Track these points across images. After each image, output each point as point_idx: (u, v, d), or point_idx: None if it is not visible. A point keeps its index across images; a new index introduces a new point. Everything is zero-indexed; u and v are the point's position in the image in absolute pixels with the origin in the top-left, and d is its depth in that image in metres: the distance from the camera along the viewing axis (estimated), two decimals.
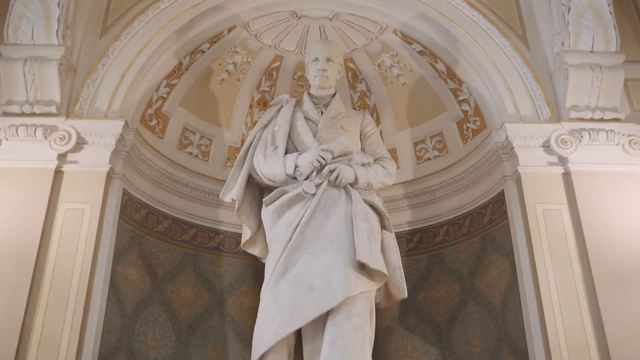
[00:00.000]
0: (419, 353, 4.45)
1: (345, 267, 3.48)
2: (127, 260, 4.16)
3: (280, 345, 3.40)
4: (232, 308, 4.55)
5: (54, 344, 3.58)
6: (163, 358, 4.20)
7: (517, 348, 3.92)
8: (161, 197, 4.51)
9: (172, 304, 4.36)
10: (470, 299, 4.36)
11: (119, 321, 3.99)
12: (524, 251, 3.97)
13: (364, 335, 3.40)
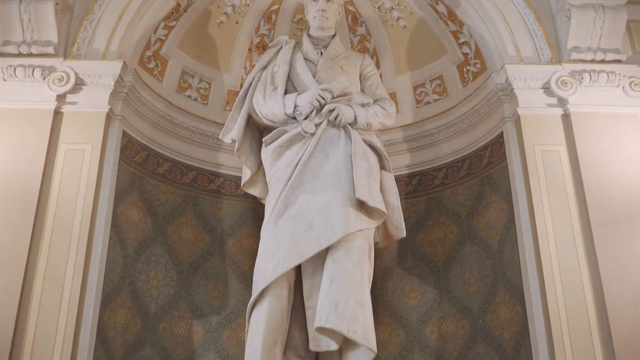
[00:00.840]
0: (416, 293, 4.53)
1: (344, 204, 3.52)
2: (128, 201, 4.20)
3: (280, 281, 3.46)
4: (233, 250, 4.61)
5: (58, 281, 3.65)
6: (165, 297, 4.28)
7: (513, 286, 4.00)
8: (161, 140, 4.52)
9: (173, 245, 4.42)
10: (468, 240, 4.42)
11: (121, 260, 4.06)
12: (521, 192, 4.01)
13: (362, 271, 3.46)
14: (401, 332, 4.47)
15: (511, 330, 3.98)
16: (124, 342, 3.98)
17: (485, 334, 4.15)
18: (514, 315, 3.98)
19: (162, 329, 4.21)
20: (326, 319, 3.25)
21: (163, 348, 4.17)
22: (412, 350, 4.40)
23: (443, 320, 4.39)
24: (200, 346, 4.32)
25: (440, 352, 4.33)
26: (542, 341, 3.66)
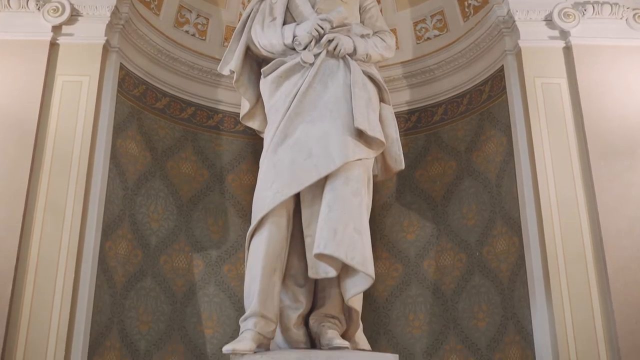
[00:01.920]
0: (415, 228, 4.57)
1: (343, 134, 3.51)
2: (127, 135, 4.19)
3: (279, 209, 3.47)
4: (232, 185, 4.63)
5: (59, 211, 3.67)
6: (165, 230, 4.32)
7: (511, 218, 4.03)
8: (159, 75, 4.49)
9: (173, 180, 4.44)
10: (467, 174, 4.43)
11: (121, 192, 4.08)
12: (521, 125, 4.00)
13: (361, 200, 3.47)
14: (399, 266, 4.52)
15: (508, 262, 4.03)
16: (125, 272, 4.03)
17: (482, 266, 4.21)
18: (510, 247, 4.02)
19: (163, 262, 4.26)
20: (325, 245, 3.28)
21: (164, 280, 4.23)
22: (409, 283, 4.46)
23: (440, 253, 4.44)
24: (201, 279, 4.38)
25: (438, 284, 4.39)
26: (538, 271, 3.71)
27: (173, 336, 4.18)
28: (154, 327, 4.12)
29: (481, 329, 4.13)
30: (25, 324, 3.46)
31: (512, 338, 3.92)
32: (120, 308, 3.97)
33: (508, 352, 3.95)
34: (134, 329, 4.02)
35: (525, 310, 3.81)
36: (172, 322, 4.20)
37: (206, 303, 4.34)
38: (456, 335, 4.24)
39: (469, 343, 4.17)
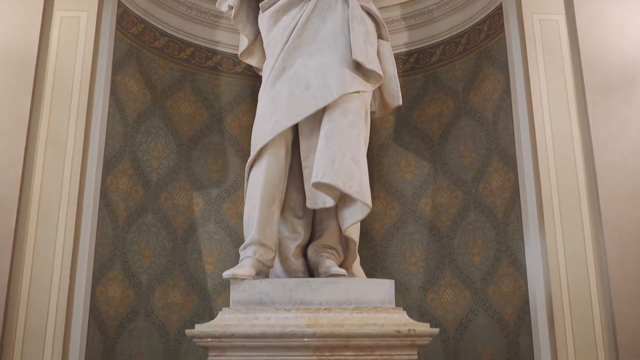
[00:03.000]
0: (412, 167, 4.63)
1: (341, 66, 3.54)
2: (127, 72, 4.21)
3: (278, 141, 3.52)
4: (231, 125, 4.67)
5: (60, 145, 3.70)
6: (166, 168, 4.38)
7: (506, 154, 4.08)
8: (157, 14, 4.48)
9: (173, 119, 4.47)
10: (464, 113, 4.47)
11: (121, 129, 4.12)
12: (518, 62, 4.01)
13: (359, 131, 3.51)
14: (396, 204, 4.59)
15: (502, 197, 4.10)
16: (126, 207, 4.10)
17: (478, 202, 4.28)
18: (505, 182, 4.08)
19: (164, 198, 4.33)
20: (322, 174, 3.34)
21: (165, 216, 4.30)
22: (406, 221, 4.54)
23: (437, 192, 4.51)
24: (201, 216, 4.45)
25: (434, 222, 4.47)
26: (532, 205, 3.77)
27: (174, 271, 4.27)
28: (155, 262, 4.20)
29: (476, 263, 4.23)
30: (30, 252, 3.53)
31: (506, 270, 4.02)
32: (122, 242, 4.05)
33: (501, 284, 4.05)
34: (136, 262, 4.11)
35: (518, 242, 3.89)
36: (173, 258, 4.29)
37: (206, 240, 4.42)
38: (451, 270, 4.33)
39: (464, 277, 4.26)
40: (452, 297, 4.30)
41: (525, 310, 3.79)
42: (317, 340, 3.07)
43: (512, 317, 3.94)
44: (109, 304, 3.86)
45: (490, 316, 4.09)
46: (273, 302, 3.24)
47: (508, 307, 3.98)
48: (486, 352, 4.08)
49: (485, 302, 4.13)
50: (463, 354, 4.17)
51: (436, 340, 4.25)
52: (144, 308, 4.10)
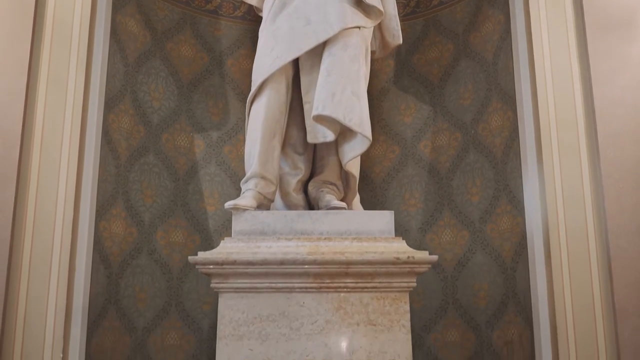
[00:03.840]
0: (412, 111, 4.65)
1: (341, 1, 3.53)
2: (126, 12, 4.20)
3: (278, 75, 3.53)
4: (231, 69, 4.67)
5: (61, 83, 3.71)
6: (167, 109, 4.40)
7: (506, 94, 4.10)
8: None
9: (173, 61, 4.47)
10: (464, 56, 4.48)
11: (122, 68, 4.13)
12: (519, 0, 4.01)
13: (359, 66, 3.53)
14: (396, 147, 4.62)
15: (501, 136, 4.13)
16: (128, 145, 4.13)
17: (477, 142, 4.31)
18: (505, 121, 4.11)
19: (165, 140, 4.35)
20: (323, 107, 3.36)
21: (166, 157, 4.34)
22: (406, 164, 4.57)
23: (437, 134, 4.53)
24: (202, 158, 4.48)
25: (433, 164, 4.50)
26: (531, 141, 3.80)
27: (176, 211, 4.32)
28: (157, 202, 4.25)
29: (474, 203, 4.27)
30: (34, 186, 3.57)
31: (504, 208, 4.06)
32: (125, 180, 4.08)
33: (500, 222, 4.10)
34: (138, 201, 4.16)
35: (517, 180, 3.93)
36: (175, 198, 4.33)
37: (208, 182, 4.46)
38: (450, 210, 4.38)
39: (463, 217, 4.31)
40: (450, 237, 4.35)
41: (522, 245, 3.84)
42: (318, 267, 3.13)
43: (510, 254, 4.00)
44: (112, 240, 3.92)
45: (488, 254, 4.15)
46: (274, 232, 3.29)
47: (506, 243, 4.04)
48: (483, 289, 4.15)
49: (484, 240, 4.19)
50: (461, 291, 4.25)
51: (434, 279, 4.33)
52: (147, 246, 4.15)
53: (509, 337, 3.95)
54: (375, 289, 3.18)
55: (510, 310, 3.95)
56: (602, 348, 3.54)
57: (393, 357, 3.13)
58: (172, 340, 4.16)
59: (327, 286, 3.17)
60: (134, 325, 4.01)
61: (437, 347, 4.26)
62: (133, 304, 4.02)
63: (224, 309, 3.17)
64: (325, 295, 3.18)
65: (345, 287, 3.17)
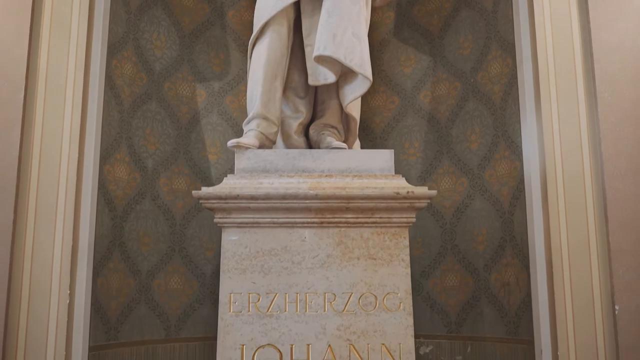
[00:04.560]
0: (412, 62, 4.68)
1: None
2: None
3: (280, 18, 3.56)
4: (233, 20, 4.69)
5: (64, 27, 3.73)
6: (169, 58, 4.43)
7: (505, 41, 4.13)
8: None
9: (174, 10, 4.49)
10: (464, 5, 4.49)
11: (124, 16, 4.15)
12: None
13: (360, 8, 3.54)
14: (396, 98, 4.66)
15: (501, 83, 4.18)
16: (131, 92, 4.17)
17: (476, 91, 4.35)
18: (504, 68, 4.15)
19: (167, 88, 4.39)
20: (324, 47, 3.39)
21: (169, 105, 4.38)
22: (405, 114, 4.62)
23: (436, 84, 4.57)
24: (204, 107, 4.52)
25: (433, 113, 4.55)
26: (530, 85, 3.84)
27: (179, 159, 4.37)
28: (160, 149, 4.30)
29: (473, 150, 4.33)
30: (39, 128, 3.61)
31: (502, 154, 4.12)
32: (128, 126, 4.13)
33: (498, 167, 4.16)
34: (141, 147, 4.20)
35: (515, 125, 3.98)
36: (178, 146, 4.38)
37: (210, 131, 4.51)
38: (449, 159, 4.44)
39: (462, 165, 4.37)
40: (449, 184, 4.41)
41: (520, 189, 3.91)
42: (319, 202, 3.19)
43: (508, 198, 4.07)
44: (116, 184, 3.98)
45: (486, 199, 4.22)
46: (277, 170, 3.35)
47: (504, 188, 4.10)
48: (482, 234, 4.22)
49: (482, 186, 4.25)
50: (459, 237, 4.32)
51: (434, 226, 4.41)
52: (150, 192, 4.22)
53: (506, 279, 4.03)
54: (375, 224, 3.25)
55: (507, 253, 4.03)
56: (597, 287, 3.62)
57: (392, 290, 3.21)
58: (175, 284, 4.24)
59: (328, 221, 3.23)
60: (138, 269, 4.09)
61: (435, 292, 4.34)
62: (137, 247, 4.10)
63: (227, 243, 3.24)
64: (327, 230, 3.25)
65: (346, 222, 3.24)
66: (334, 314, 3.17)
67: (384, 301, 3.19)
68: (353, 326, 3.16)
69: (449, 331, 4.29)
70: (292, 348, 3.15)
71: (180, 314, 4.21)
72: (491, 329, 4.10)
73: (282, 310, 3.17)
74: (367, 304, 3.19)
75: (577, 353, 3.56)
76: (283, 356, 3.13)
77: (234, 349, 3.13)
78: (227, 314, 3.17)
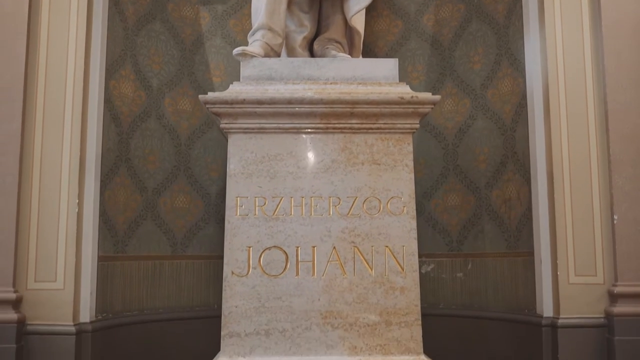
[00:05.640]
0: None
1: None
2: None
3: None
4: None
5: None
6: None
7: None
8: None
9: None
10: None
11: None
12: None
13: None
14: (399, 22, 4.66)
15: (504, 2, 4.18)
16: (135, 10, 4.18)
17: (480, 11, 4.34)
18: None
19: (171, 9, 4.39)
20: None
21: (172, 26, 4.38)
22: (409, 38, 4.62)
23: (439, 7, 4.55)
24: (207, 30, 4.52)
25: (436, 36, 4.55)
26: (534, 3, 3.86)
27: (183, 80, 4.40)
28: (164, 69, 4.32)
29: (476, 70, 4.35)
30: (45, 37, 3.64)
31: (505, 72, 4.15)
32: (132, 44, 4.14)
33: (500, 86, 4.19)
34: (146, 66, 4.22)
35: (518, 42, 4.00)
36: (182, 67, 4.40)
37: (213, 54, 4.52)
38: (452, 80, 4.46)
39: (464, 86, 4.40)
40: (452, 105, 4.45)
41: (522, 105, 3.94)
42: (324, 107, 3.22)
43: (510, 115, 4.10)
44: (122, 100, 4.01)
45: (488, 118, 4.26)
46: (281, 78, 3.37)
47: (506, 105, 4.14)
48: (484, 153, 4.27)
49: (485, 106, 4.29)
50: (462, 157, 4.37)
51: (436, 147, 4.45)
52: (156, 111, 4.25)
53: (507, 195, 4.09)
54: (379, 130, 3.29)
55: (509, 169, 4.09)
56: (597, 197, 3.69)
57: (396, 195, 3.26)
58: (181, 203, 4.30)
59: (333, 127, 3.27)
60: (145, 186, 4.15)
61: (437, 212, 4.41)
62: (143, 165, 4.15)
63: (233, 148, 3.28)
64: (332, 135, 3.29)
65: (351, 128, 3.28)
66: (338, 217, 3.23)
67: (388, 205, 3.25)
68: (357, 229, 3.22)
69: (450, 250, 4.37)
70: (297, 250, 3.22)
71: (186, 232, 4.28)
72: (492, 245, 4.18)
73: (288, 213, 3.23)
74: (372, 208, 3.25)
75: (576, 262, 3.64)
76: (289, 258, 3.20)
77: (241, 251, 3.20)
78: (233, 217, 3.23)
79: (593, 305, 3.61)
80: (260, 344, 3.13)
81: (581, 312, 3.59)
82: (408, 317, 3.17)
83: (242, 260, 3.19)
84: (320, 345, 3.14)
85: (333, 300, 3.16)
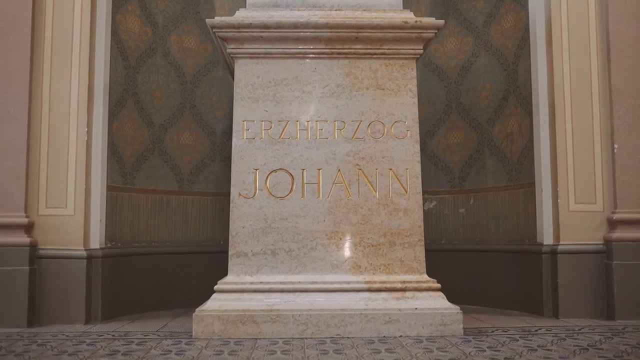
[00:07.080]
0: None
1: None
2: None
3: None
4: None
5: None
6: None
7: None
8: None
9: None
10: None
11: None
12: None
13: None
14: None
15: None
16: None
17: None
18: None
19: None
20: None
21: None
22: None
23: None
24: None
25: None
26: None
27: (188, 18, 4.43)
28: (170, 6, 4.35)
29: (479, 8, 4.38)
30: None
31: (508, 7, 4.18)
32: None
33: (503, 22, 4.22)
34: (151, 2, 4.25)
35: None
36: (187, 5, 4.44)
37: None
38: (455, 19, 4.49)
39: (467, 24, 4.43)
40: (455, 44, 4.48)
41: (525, 39, 3.98)
42: (329, 32, 3.27)
43: (512, 50, 4.14)
44: (128, 34, 4.05)
45: (491, 54, 4.29)
46: (287, 5, 3.42)
47: (508, 41, 4.17)
48: (486, 89, 4.31)
49: (487, 42, 4.32)
50: (464, 94, 4.42)
51: (438, 86, 4.50)
52: (162, 48, 4.29)
53: (509, 130, 4.15)
54: (384, 55, 3.33)
55: (510, 103, 4.13)
56: (597, 127, 3.74)
57: (400, 119, 3.32)
58: (187, 140, 4.36)
59: (337, 52, 3.32)
60: (152, 120, 4.20)
61: (440, 150, 4.47)
62: (150, 100, 4.20)
63: (240, 73, 3.33)
64: (337, 61, 3.34)
65: (355, 53, 3.32)
66: (343, 141, 3.29)
67: (392, 129, 3.31)
68: (362, 152, 3.29)
69: (452, 186, 4.44)
70: (303, 172, 3.28)
71: (192, 168, 4.35)
72: (493, 179, 4.24)
73: (294, 137, 3.29)
74: (376, 132, 3.31)
75: (577, 190, 3.70)
76: (295, 179, 3.27)
77: (247, 173, 3.27)
78: (240, 140, 3.29)
79: (592, 232, 3.68)
80: (267, 263, 3.21)
81: (580, 239, 3.67)
82: (411, 238, 3.25)
83: (248, 182, 3.26)
84: (325, 264, 3.22)
85: (338, 221, 3.24)
